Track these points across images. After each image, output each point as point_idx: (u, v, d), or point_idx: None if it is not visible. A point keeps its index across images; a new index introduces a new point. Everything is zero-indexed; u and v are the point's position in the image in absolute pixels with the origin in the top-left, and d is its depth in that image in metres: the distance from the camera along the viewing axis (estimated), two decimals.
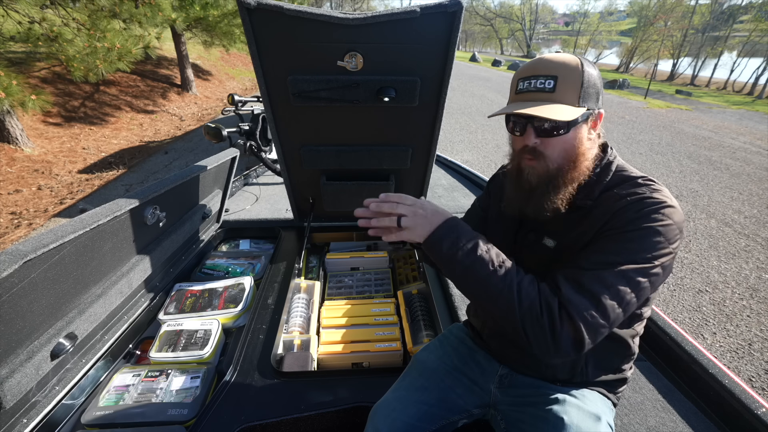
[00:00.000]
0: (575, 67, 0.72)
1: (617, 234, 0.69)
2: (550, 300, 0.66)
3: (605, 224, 0.72)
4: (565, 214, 0.79)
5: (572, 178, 0.76)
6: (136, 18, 4.99)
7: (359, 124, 1.60)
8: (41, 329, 1.02)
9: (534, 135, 0.75)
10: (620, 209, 0.71)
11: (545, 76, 0.73)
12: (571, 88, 0.72)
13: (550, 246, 0.81)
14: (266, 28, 1.28)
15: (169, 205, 1.52)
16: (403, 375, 1.03)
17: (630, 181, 0.76)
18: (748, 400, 1.00)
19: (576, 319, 0.64)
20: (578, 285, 0.67)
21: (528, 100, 0.74)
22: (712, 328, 2.65)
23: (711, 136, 8.17)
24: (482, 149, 6.46)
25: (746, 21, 23.84)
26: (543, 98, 0.72)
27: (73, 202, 4.06)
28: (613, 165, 0.80)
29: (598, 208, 0.75)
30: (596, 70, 0.76)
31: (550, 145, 0.75)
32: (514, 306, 0.66)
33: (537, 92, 0.73)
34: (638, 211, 0.69)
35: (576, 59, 0.74)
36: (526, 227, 0.88)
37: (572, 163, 0.76)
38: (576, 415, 0.78)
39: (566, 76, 0.72)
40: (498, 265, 0.70)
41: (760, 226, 4.11)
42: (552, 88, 0.72)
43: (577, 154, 0.76)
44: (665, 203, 0.69)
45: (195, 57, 10.43)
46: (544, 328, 0.64)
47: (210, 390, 1.21)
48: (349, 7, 29.35)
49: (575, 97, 0.72)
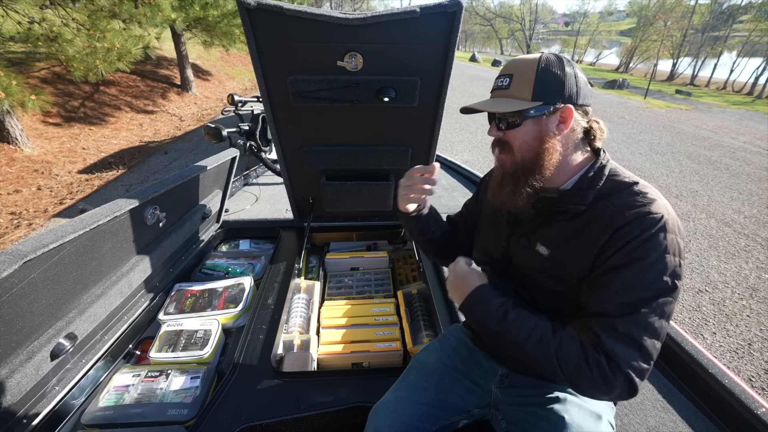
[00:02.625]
0: (531, 63, 0.76)
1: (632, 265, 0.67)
2: (596, 357, 0.66)
3: (607, 243, 0.70)
4: (560, 221, 0.79)
5: (536, 172, 0.78)
6: (136, 18, 4.98)
7: (359, 124, 1.60)
8: (41, 329, 1.02)
9: (495, 128, 0.82)
10: (621, 227, 0.69)
11: (504, 75, 0.79)
12: (524, 84, 0.76)
13: (544, 254, 0.80)
14: (266, 28, 1.28)
15: (169, 205, 1.52)
16: (403, 375, 1.03)
17: (624, 189, 0.74)
18: (748, 400, 1.00)
19: (626, 371, 0.65)
20: (617, 333, 0.66)
21: (493, 97, 0.82)
22: (712, 328, 2.65)
23: (711, 136, 8.18)
24: (482, 149, 6.45)
25: (746, 21, 23.84)
26: (500, 95, 0.79)
27: (73, 202, 4.06)
28: (606, 169, 0.78)
29: (596, 222, 0.73)
30: (566, 67, 0.75)
31: (510, 136, 0.80)
32: (557, 370, 0.69)
33: (497, 90, 0.80)
34: (643, 231, 0.67)
35: (535, 58, 0.76)
36: (518, 231, 0.88)
37: (534, 156, 0.78)
38: (577, 413, 0.78)
39: (520, 73, 0.77)
40: (530, 331, 0.72)
41: (760, 226, 4.11)
42: (507, 85, 0.78)
43: (539, 146, 0.77)
44: (664, 217, 0.68)
45: (195, 57, 10.43)
46: (597, 383, 0.66)
47: (210, 390, 1.21)
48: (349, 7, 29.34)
49: (528, 92, 0.75)
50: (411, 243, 1.97)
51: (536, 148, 0.77)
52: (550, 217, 0.81)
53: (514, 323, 0.73)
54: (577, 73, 0.76)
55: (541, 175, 0.78)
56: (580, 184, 0.78)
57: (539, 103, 0.74)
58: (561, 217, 0.79)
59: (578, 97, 0.76)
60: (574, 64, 0.78)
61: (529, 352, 0.71)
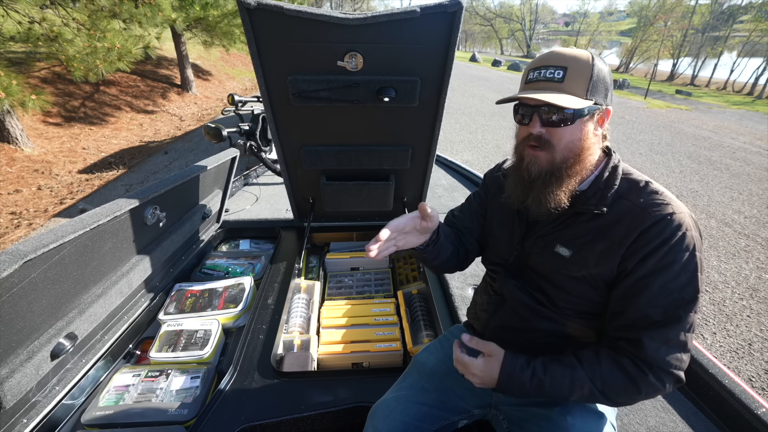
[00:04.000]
0: (586, 60, 0.73)
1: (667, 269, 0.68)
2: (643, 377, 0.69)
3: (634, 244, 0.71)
4: (581, 222, 0.78)
5: (575, 172, 0.76)
6: (136, 18, 4.98)
7: (359, 124, 1.60)
8: (41, 329, 1.02)
9: (539, 124, 0.75)
10: (648, 229, 0.70)
11: (555, 66, 0.73)
12: (580, 80, 0.72)
13: (566, 255, 0.79)
14: (266, 28, 1.28)
15: (169, 205, 1.52)
16: (403, 376, 1.03)
17: (641, 188, 0.75)
18: (748, 400, 1.00)
19: (674, 372, 0.69)
20: (664, 340, 0.68)
21: (537, 89, 0.75)
22: (712, 328, 2.65)
23: (711, 136, 8.18)
24: (482, 149, 6.45)
25: (746, 21, 23.84)
26: (551, 87, 0.73)
27: (73, 202, 4.06)
28: (619, 169, 0.79)
29: (619, 222, 0.73)
30: (607, 66, 0.76)
31: (556, 135, 0.75)
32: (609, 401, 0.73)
33: (546, 81, 0.74)
34: (673, 233, 0.69)
35: (588, 53, 0.74)
36: (533, 233, 0.86)
37: (576, 157, 0.75)
38: (579, 414, 0.78)
39: (576, 67, 0.72)
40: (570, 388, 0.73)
41: (760, 226, 4.11)
42: (561, 78, 0.72)
43: (581, 147, 0.75)
44: (685, 216, 0.71)
45: (195, 57, 10.43)
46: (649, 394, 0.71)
47: (210, 390, 1.21)
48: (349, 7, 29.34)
49: (583, 89, 0.72)
50: None
51: (579, 148, 0.75)
52: (569, 218, 0.79)
53: (552, 387, 0.74)
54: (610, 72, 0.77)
55: (578, 175, 0.76)
56: (597, 185, 0.78)
57: (592, 102, 0.73)
58: (582, 218, 0.78)
59: (611, 98, 0.77)
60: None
61: (579, 400, 0.75)
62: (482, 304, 1.02)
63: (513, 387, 0.76)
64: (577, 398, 0.73)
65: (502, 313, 0.93)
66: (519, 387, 0.75)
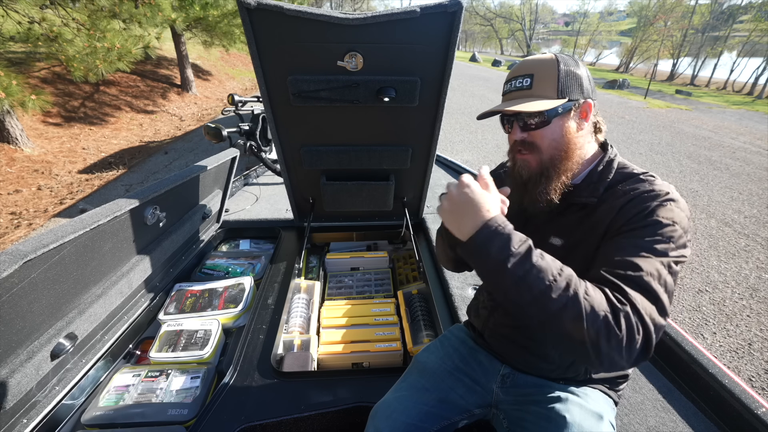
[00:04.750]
0: (550, 62, 0.77)
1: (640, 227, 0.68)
2: (623, 308, 0.60)
3: (614, 219, 0.73)
4: (572, 212, 0.81)
5: (565, 168, 0.79)
6: (136, 18, 4.98)
7: (359, 124, 1.60)
8: (41, 329, 1.02)
9: (519, 130, 0.80)
10: (627, 203, 0.72)
11: (522, 75, 0.79)
12: (548, 82, 0.76)
13: (557, 245, 0.81)
14: (266, 28, 1.28)
15: (169, 205, 1.52)
16: (403, 376, 1.03)
17: (633, 177, 0.78)
18: (748, 400, 1.00)
19: (648, 324, 0.59)
20: (636, 286, 0.62)
21: (511, 99, 0.80)
22: (712, 327, 2.65)
23: (711, 136, 8.17)
24: (482, 149, 6.45)
25: (746, 21, 23.84)
26: (522, 95, 0.78)
27: (73, 202, 4.06)
28: (614, 162, 0.81)
29: (603, 205, 0.76)
30: (577, 62, 0.79)
31: (537, 136, 0.79)
32: (582, 322, 0.58)
33: (517, 91, 0.79)
34: (651, 200, 0.70)
35: (551, 56, 0.78)
36: (529, 228, 0.87)
37: (563, 153, 0.78)
38: (578, 413, 0.78)
39: (541, 72, 0.77)
40: (558, 272, 0.62)
41: (760, 226, 4.11)
42: (529, 85, 0.77)
43: (566, 143, 0.78)
44: (669, 194, 0.71)
45: (195, 57, 10.42)
46: (620, 340, 0.58)
47: (210, 390, 1.21)
48: (349, 7, 29.33)
49: (553, 89, 0.76)
50: (411, 243, 1.97)
51: (563, 145, 0.78)
52: (562, 211, 0.82)
53: (540, 261, 0.62)
54: (586, 69, 0.80)
55: (569, 171, 0.79)
56: (591, 178, 0.81)
57: (565, 100, 0.76)
58: (573, 209, 0.81)
59: (592, 92, 0.79)
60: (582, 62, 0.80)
61: (553, 302, 0.60)
62: (483, 302, 1.03)
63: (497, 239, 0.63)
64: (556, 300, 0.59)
65: (502, 311, 0.95)
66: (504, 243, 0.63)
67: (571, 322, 0.59)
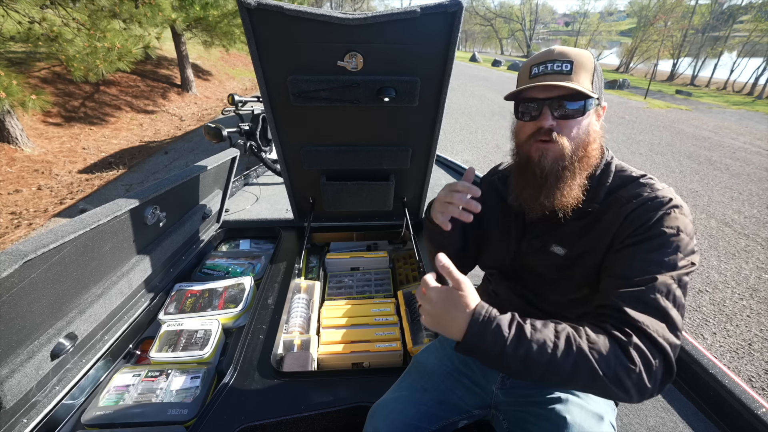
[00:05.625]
0: (589, 57, 0.75)
1: (646, 238, 0.67)
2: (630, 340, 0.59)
3: (619, 230, 0.72)
4: (573, 220, 0.79)
5: (585, 165, 0.76)
6: (136, 18, 4.98)
7: (359, 124, 1.60)
8: (41, 329, 1.01)
9: (551, 117, 0.74)
10: (631, 212, 0.71)
11: (562, 60, 0.73)
12: (586, 73, 0.74)
13: (560, 254, 0.80)
14: (266, 28, 1.28)
15: (169, 205, 1.52)
16: (403, 376, 1.03)
17: (632, 182, 0.76)
18: (748, 400, 1.00)
19: (661, 344, 0.59)
20: (642, 305, 0.62)
21: (548, 80, 0.73)
22: (712, 328, 2.65)
23: (711, 136, 8.17)
24: (482, 149, 6.46)
25: (746, 21, 23.83)
26: (562, 79, 0.72)
27: (73, 202, 4.06)
28: (612, 165, 0.81)
29: (607, 214, 0.75)
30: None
31: (567, 126, 0.74)
32: (597, 371, 0.58)
33: (554, 74, 0.73)
34: (655, 210, 0.69)
35: (588, 52, 0.77)
36: (530, 234, 0.86)
37: (585, 149, 0.76)
38: (579, 414, 0.78)
39: (581, 61, 0.74)
40: (555, 337, 0.61)
41: (760, 226, 4.11)
42: (569, 70, 0.73)
43: (589, 140, 0.76)
44: (672, 200, 0.70)
45: (195, 57, 10.42)
46: (639, 372, 0.58)
47: (210, 390, 1.21)
48: (349, 7, 29.33)
49: (589, 82, 0.74)
50: (411, 243, 1.97)
51: (587, 141, 0.76)
52: (562, 217, 0.80)
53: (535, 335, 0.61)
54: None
55: (587, 171, 0.77)
56: (590, 182, 0.79)
57: (596, 95, 0.74)
58: (574, 215, 0.79)
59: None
60: None
61: (563, 366, 0.59)
62: None
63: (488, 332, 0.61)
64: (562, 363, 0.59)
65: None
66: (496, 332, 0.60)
67: (588, 376, 0.59)
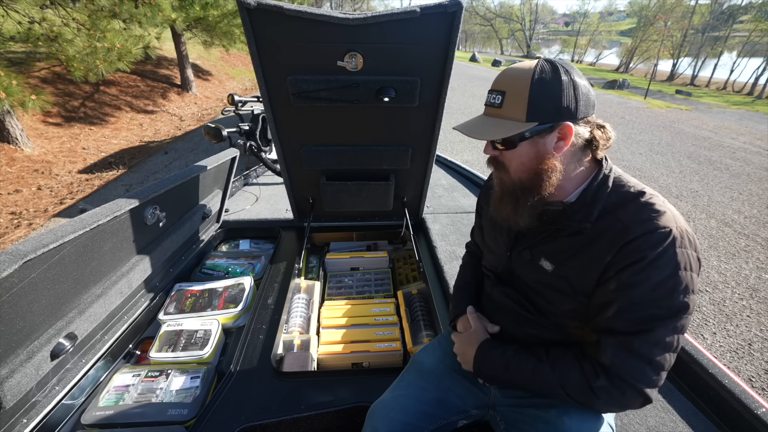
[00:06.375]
0: (525, 80, 0.68)
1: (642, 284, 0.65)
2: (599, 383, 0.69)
3: (612, 261, 0.68)
4: (564, 236, 0.76)
5: (536, 192, 0.74)
6: (136, 18, 4.98)
7: (359, 124, 1.60)
8: (41, 329, 1.02)
9: (491, 147, 0.78)
10: (627, 244, 0.66)
11: (496, 91, 0.73)
12: (517, 103, 0.69)
13: (548, 269, 0.78)
14: (266, 28, 1.28)
15: (169, 205, 1.52)
16: (401, 375, 1.03)
17: (631, 201, 0.70)
18: (748, 400, 1.00)
19: (636, 385, 0.67)
20: (627, 351, 0.67)
21: (486, 114, 0.76)
22: (712, 328, 2.65)
23: (711, 136, 8.17)
24: (482, 149, 6.44)
25: (746, 21, 23.83)
26: (494, 113, 0.74)
27: (73, 202, 4.06)
28: (609, 180, 0.74)
29: (602, 238, 0.70)
30: (565, 77, 0.68)
31: (506, 157, 0.76)
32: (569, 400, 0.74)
33: (490, 107, 0.75)
34: (652, 248, 0.64)
35: (529, 70, 0.69)
36: (520, 244, 0.85)
37: (533, 177, 0.74)
38: (576, 415, 0.78)
39: (513, 90, 0.70)
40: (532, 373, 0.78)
41: (760, 226, 4.11)
42: (500, 103, 0.72)
43: (536, 168, 0.73)
44: (672, 231, 0.65)
45: (195, 57, 10.42)
46: (608, 403, 0.71)
47: (210, 390, 1.21)
48: (349, 7, 29.34)
49: (522, 112, 0.69)
50: (411, 243, 1.97)
51: (534, 168, 0.73)
52: (554, 232, 0.78)
53: (516, 371, 0.79)
54: (576, 81, 0.69)
55: (540, 196, 0.74)
56: (584, 198, 0.74)
57: (534, 123, 0.69)
58: (566, 232, 0.76)
59: (577, 110, 0.69)
60: (573, 70, 0.70)
61: (541, 390, 0.78)
62: (483, 304, 1.02)
63: (484, 366, 0.84)
64: (541, 388, 0.77)
65: (498, 317, 0.94)
66: (489, 366, 0.84)
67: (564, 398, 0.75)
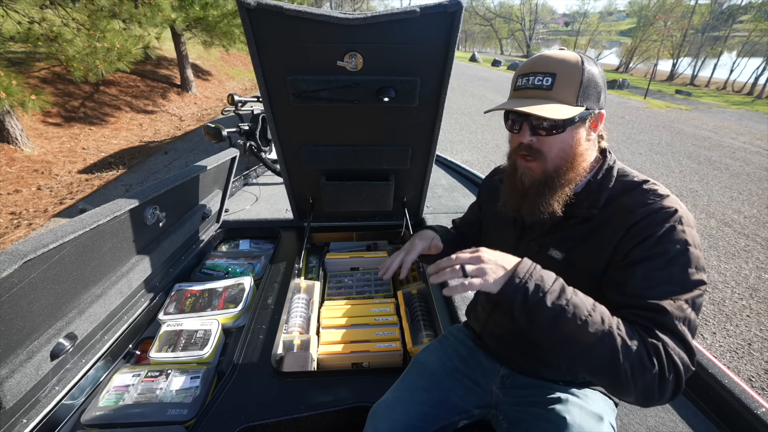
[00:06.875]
0: (575, 64, 0.70)
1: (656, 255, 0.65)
2: (656, 343, 0.61)
3: (621, 242, 0.69)
4: (572, 225, 0.77)
5: (569, 180, 0.75)
6: (136, 18, 4.98)
7: (359, 124, 1.60)
8: (41, 329, 1.01)
9: (529, 133, 0.74)
10: (634, 225, 0.68)
11: (543, 73, 0.71)
12: (570, 87, 0.70)
13: (558, 258, 0.78)
14: (266, 28, 1.28)
15: (169, 205, 1.52)
16: (403, 376, 1.03)
17: (635, 188, 0.73)
18: (748, 400, 1.00)
19: (678, 365, 0.60)
20: (662, 327, 0.62)
21: (526, 97, 0.73)
22: (712, 328, 2.65)
23: (710, 136, 8.18)
24: (482, 149, 6.46)
25: (746, 21, 23.84)
26: (540, 96, 0.71)
27: (73, 202, 4.06)
28: (614, 170, 0.77)
29: (609, 223, 0.72)
30: (598, 68, 0.73)
31: (546, 143, 0.74)
32: (618, 357, 0.60)
33: (534, 89, 0.72)
34: (661, 224, 0.66)
35: (577, 56, 0.71)
36: (528, 236, 0.86)
37: (569, 164, 0.74)
38: (578, 414, 0.78)
39: (565, 73, 0.70)
40: (591, 308, 0.63)
41: (760, 226, 4.11)
42: (549, 85, 0.70)
43: (574, 154, 0.74)
44: (678, 211, 0.67)
45: (195, 57, 10.42)
46: (654, 375, 0.59)
47: (210, 390, 1.21)
48: (349, 7, 29.34)
49: (573, 95, 0.70)
50: None
51: (572, 155, 0.74)
52: (562, 221, 0.78)
53: (574, 298, 0.63)
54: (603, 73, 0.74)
55: (572, 182, 0.75)
56: (591, 187, 0.77)
57: (582, 108, 0.70)
58: (573, 221, 0.77)
59: (606, 100, 0.75)
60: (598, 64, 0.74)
61: (588, 335, 0.60)
62: (482, 303, 1.03)
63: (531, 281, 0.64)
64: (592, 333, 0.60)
65: (499, 314, 0.95)
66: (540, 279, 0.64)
67: (607, 356, 0.60)
